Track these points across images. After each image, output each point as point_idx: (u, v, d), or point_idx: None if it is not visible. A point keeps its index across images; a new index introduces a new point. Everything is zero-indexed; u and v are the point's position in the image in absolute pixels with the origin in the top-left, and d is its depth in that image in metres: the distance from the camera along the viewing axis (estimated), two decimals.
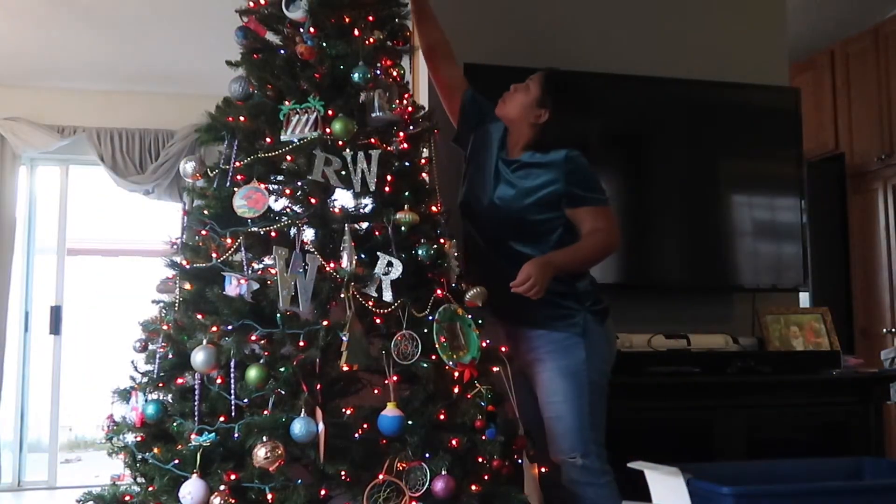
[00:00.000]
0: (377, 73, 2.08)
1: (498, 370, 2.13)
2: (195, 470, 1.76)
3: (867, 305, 4.51)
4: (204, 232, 2.02)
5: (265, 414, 1.79)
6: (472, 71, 2.69)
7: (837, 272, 4.59)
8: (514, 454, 2.05)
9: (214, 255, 1.96)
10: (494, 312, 2.23)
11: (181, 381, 1.95)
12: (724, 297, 3.29)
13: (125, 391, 2.03)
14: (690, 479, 2.08)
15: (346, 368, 1.83)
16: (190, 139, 5.21)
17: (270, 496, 1.73)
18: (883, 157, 4.40)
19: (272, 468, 1.73)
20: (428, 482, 1.81)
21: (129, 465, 1.94)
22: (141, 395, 1.98)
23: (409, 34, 2.27)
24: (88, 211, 5.88)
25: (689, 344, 3.00)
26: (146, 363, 2.04)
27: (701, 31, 3.35)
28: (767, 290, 3.25)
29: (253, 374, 1.79)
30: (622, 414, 2.41)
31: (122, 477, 2.00)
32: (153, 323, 2.04)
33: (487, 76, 2.71)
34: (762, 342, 3.14)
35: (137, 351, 2.05)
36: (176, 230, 2.09)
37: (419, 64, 2.85)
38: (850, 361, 3.16)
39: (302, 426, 1.74)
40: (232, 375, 1.84)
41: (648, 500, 2.22)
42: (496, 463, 1.95)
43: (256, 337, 1.86)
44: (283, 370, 1.81)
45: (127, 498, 1.90)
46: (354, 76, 2.00)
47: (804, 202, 3.27)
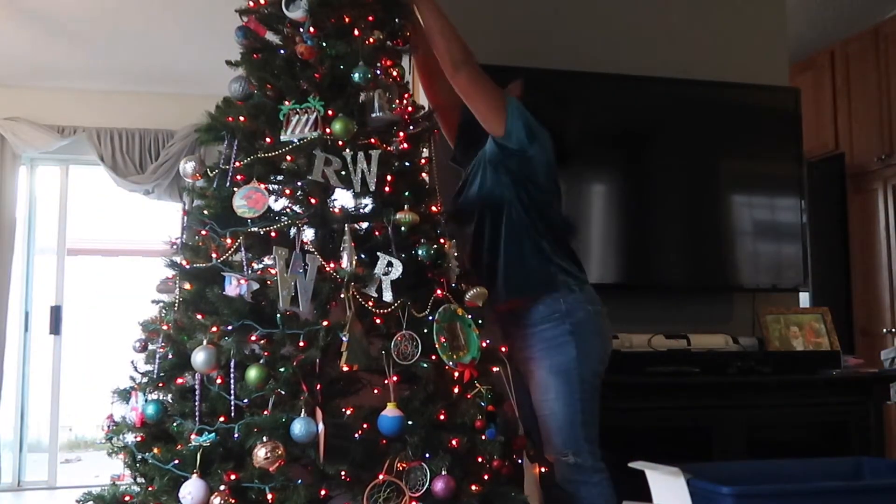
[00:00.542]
0: (377, 73, 2.08)
1: (498, 370, 2.13)
2: (195, 470, 1.76)
3: (867, 305, 4.51)
4: (204, 232, 2.01)
5: (265, 414, 1.78)
6: None
7: (837, 272, 4.59)
8: (514, 454, 2.05)
9: (214, 255, 1.96)
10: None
11: (181, 381, 1.95)
12: (724, 297, 3.29)
13: (125, 391, 2.03)
14: (690, 479, 2.07)
15: (346, 368, 1.82)
16: (190, 139, 5.21)
17: (270, 496, 1.73)
18: (883, 157, 4.41)
19: (272, 468, 1.73)
20: (428, 482, 1.81)
21: (128, 465, 1.94)
22: (141, 395, 1.98)
23: (408, 34, 2.26)
24: (88, 211, 5.89)
25: (689, 344, 3.00)
26: (146, 363, 2.04)
27: (701, 31, 3.35)
28: (767, 290, 3.26)
29: (253, 374, 1.79)
30: (622, 414, 2.41)
31: (122, 477, 2.00)
32: (153, 323, 2.03)
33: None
34: (762, 342, 3.14)
35: (137, 351, 2.05)
36: (176, 230, 2.09)
37: None
38: (850, 361, 3.16)
39: (302, 426, 1.74)
40: (232, 375, 1.83)
41: (649, 500, 2.21)
42: (496, 463, 1.95)
43: (256, 337, 1.86)
44: (283, 370, 1.81)
45: (127, 498, 1.90)
46: (355, 76, 2.00)
47: (804, 202, 3.27)
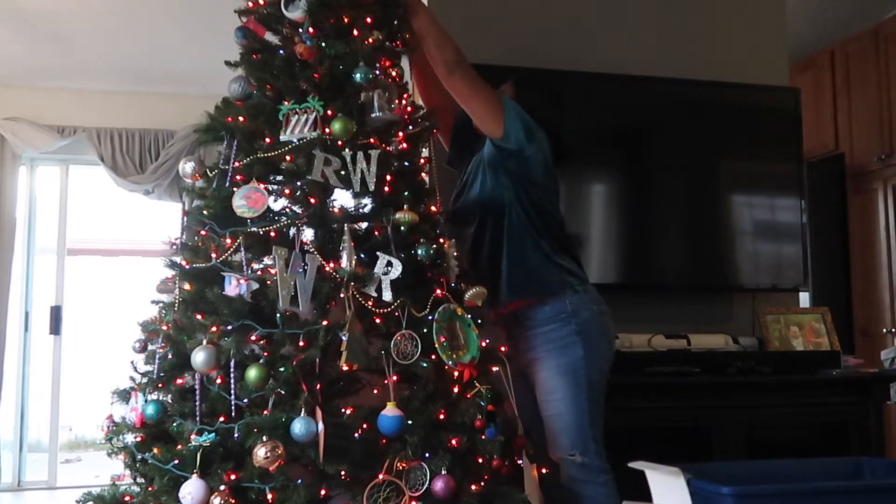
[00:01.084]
0: (376, 73, 2.08)
1: (497, 370, 2.13)
2: (195, 470, 1.76)
3: (867, 305, 4.51)
4: (203, 232, 2.01)
5: (265, 414, 1.78)
6: None
7: (837, 272, 4.59)
8: (513, 454, 2.05)
9: (214, 255, 1.96)
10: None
11: (181, 381, 1.95)
12: (724, 297, 3.29)
13: (125, 391, 2.03)
14: (690, 479, 2.07)
15: (345, 368, 1.82)
16: (190, 139, 5.21)
17: (270, 496, 1.73)
18: (883, 157, 4.40)
19: (272, 468, 1.73)
20: (428, 482, 1.81)
21: (128, 465, 1.94)
22: (141, 395, 1.98)
23: (407, 35, 2.26)
24: (88, 211, 5.89)
25: (689, 344, 3.00)
26: (146, 363, 2.04)
27: (701, 31, 3.35)
28: (767, 290, 3.26)
29: (253, 374, 1.79)
30: (622, 414, 2.41)
31: (122, 477, 1.99)
32: (153, 323, 2.03)
33: (486, 77, 2.70)
34: (762, 342, 3.14)
35: (137, 351, 2.05)
36: (175, 230, 2.09)
37: None
38: (850, 361, 3.16)
39: (302, 426, 1.74)
40: (232, 375, 1.83)
41: (649, 500, 2.21)
42: (496, 462, 1.95)
43: (256, 337, 1.86)
44: (282, 370, 1.81)
45: (127, 498, 1.89)
46: (356, 76, 2.00)
47: (804, 202, 3.27)
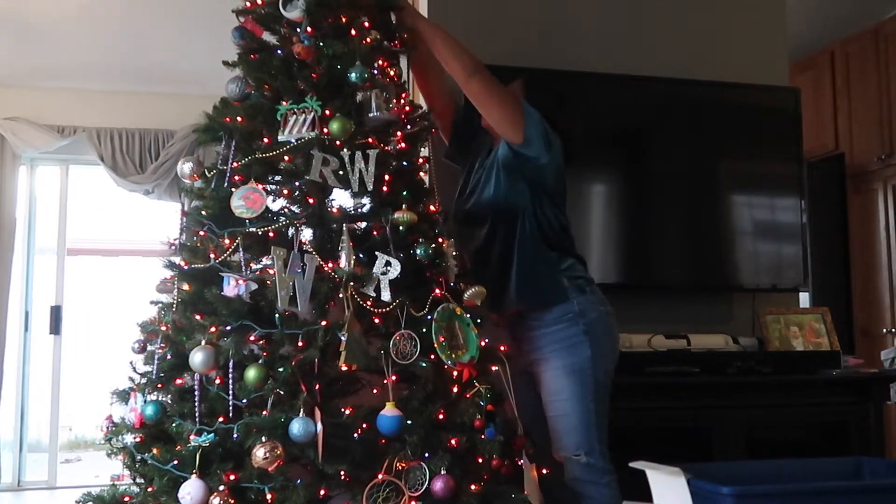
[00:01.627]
0: (374, 72, 2.08)
1: (497, 369, 2.13)
2: (194, 470, 1.76)
3: (867, 305, 4.51)
4: (202, 232, 2.01)
5: (264, 414, 1.78)
6: None
7: (837, 272, 4.59)
8: (513, 454, 2.04)
9: (213, 255, 1.95)
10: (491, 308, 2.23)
11: (180, 381, 1.94)
12: (724, 297, 3.28)
13: (124, 392, 2.03)
14: (691, 479, 2.07)
15: (344, 368, 1.82)
16: (190, 139, 5.21)
17: (270, 496, 1.73)
18: (883, 157, 4.40)
19: (271, 468, 1.72)
20: (427, 482, 1.81)
21: (128, 465, 1.94)
22: (140, 395, 1.97)
23: (405, 35, 2.26)
24: (88, 211, 5.89)
25: (689, 344, 3.00)
26: (145, 364, 2.03)
27: (701, 31, 3.35)
28: (767, 290, 3.25)
29: (252, 374, 1.79)
30: (623, 414, 2.41)
31: (121, 477, 2.00)
32: (152, 324, 2.03)
33: None
34: (762, 342, 3.14)
35: (136, 352, 2.05)
36: (175, 231, 2.09)
37: None
38: (850, 361, 3.16)
39: (301, 426, 1.74)
40: (231, 376, 1.83)
41: (649, 500, 2.21)
42: (495, 462, 1.94)
43: (255, 337, 1.86)
44: (281, 370, 1.81)
45: (126, 498, 1.89)
46: (352, 76, 1.99)
47: (804, 202, 3.27)
